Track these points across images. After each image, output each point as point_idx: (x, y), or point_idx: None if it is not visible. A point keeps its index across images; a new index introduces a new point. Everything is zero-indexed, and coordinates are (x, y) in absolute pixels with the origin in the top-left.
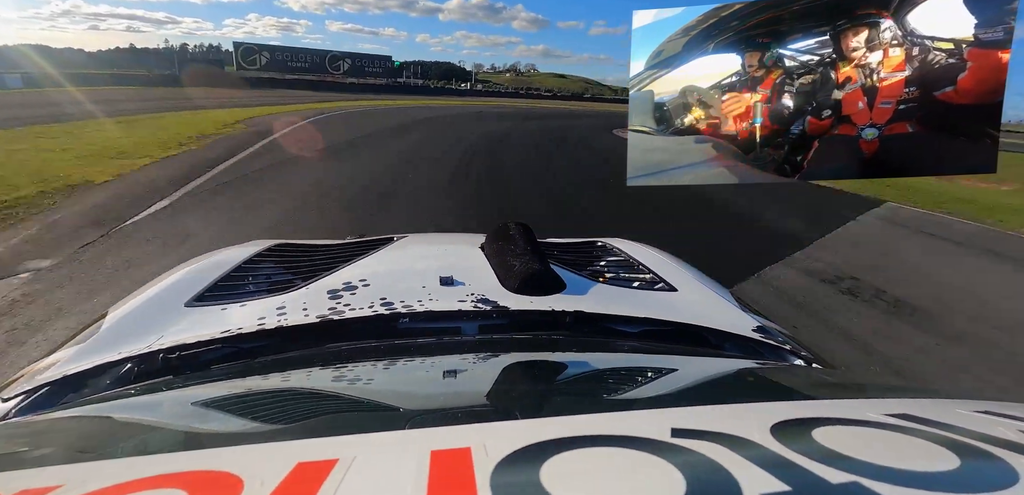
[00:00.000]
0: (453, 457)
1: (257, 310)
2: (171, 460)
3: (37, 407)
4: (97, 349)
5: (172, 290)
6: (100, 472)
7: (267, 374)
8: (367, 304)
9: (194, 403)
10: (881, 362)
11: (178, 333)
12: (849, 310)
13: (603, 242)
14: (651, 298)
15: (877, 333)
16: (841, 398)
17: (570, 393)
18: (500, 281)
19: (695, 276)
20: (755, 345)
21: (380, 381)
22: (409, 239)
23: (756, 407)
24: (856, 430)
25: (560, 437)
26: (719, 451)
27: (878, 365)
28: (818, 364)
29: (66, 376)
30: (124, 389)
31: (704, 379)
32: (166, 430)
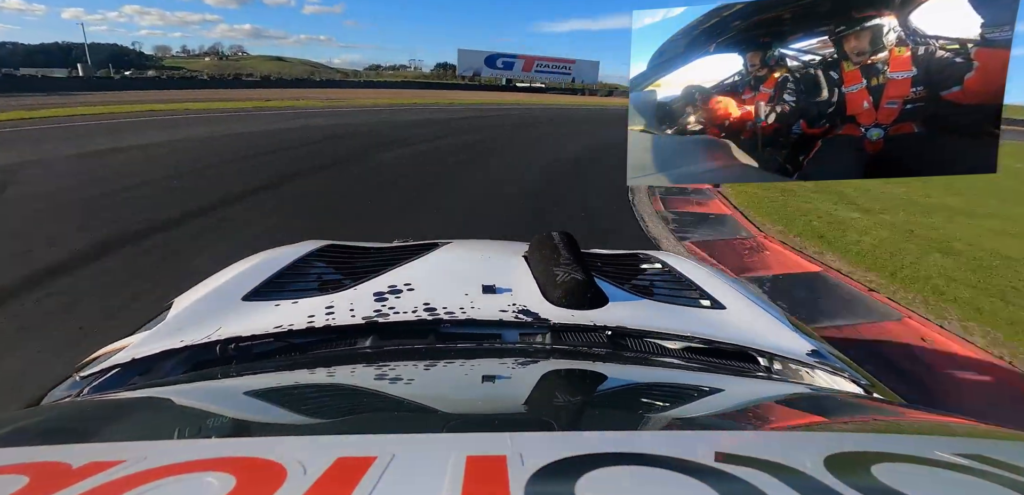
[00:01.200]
0: (488, 464)
1: (307, 308)
2: (221, 446)
3: (107, 387)
4: (162, 337)
5: (230, 285)
6: (157, 452)
7: (313, 369)
8: (411, 308)
9: (245, 393)
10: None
11: (234, 326)
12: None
13: (649, 255)
14: (697, 315)
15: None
16: (905, 433)
17: (609, 408)
18: (542, 292)
19: (745, 294)
20: (809, 370)
21: (420, 384)
22: (454, 245)
23: (808, 436)
24: (921, 469)
25: (597, 452)
26: (766, 480)
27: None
28: (880, 394)
29: (133, 360)
30: (184, 375)
31: (752, 402)
32: (218, 417)
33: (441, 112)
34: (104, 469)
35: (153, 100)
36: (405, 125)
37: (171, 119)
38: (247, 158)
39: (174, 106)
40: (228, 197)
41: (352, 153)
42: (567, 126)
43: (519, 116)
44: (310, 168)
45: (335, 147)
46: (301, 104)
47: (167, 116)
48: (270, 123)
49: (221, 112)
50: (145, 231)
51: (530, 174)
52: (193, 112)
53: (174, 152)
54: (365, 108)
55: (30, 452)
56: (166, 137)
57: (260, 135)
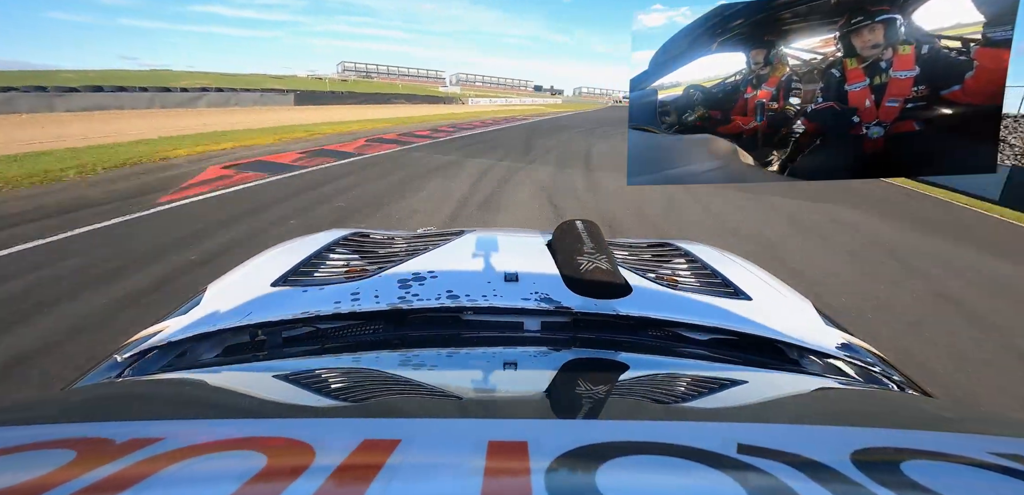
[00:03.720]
0: (510, 449)
1: (334, 294)
2: (253, 425)
3: (146, 368)
4: (196, 321)
5: (261, 271)
6: (193, 430)
7: (340, 354)
8: (434, 296)
9: (275, 375)
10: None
11: (264, 311)
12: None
13: (674, 244)
14: (723, 305)
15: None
16: (939, 430)
17: (631, 397)
18: (565, 281)
19: (773, 284)
20: (838, 363)
21: (443, 369)
22: (478, 233)
23: (835, 430)
24: (955, 468)
25: (618, 441)
26: (790, 474)
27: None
28: (913, 390)
29: (170, 342)
30: (216, 358)
31: (777, 395)
32: (250, 398)
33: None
34: (145, 445)
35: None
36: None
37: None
38: None
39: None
40: None
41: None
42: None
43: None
44: None
45: None
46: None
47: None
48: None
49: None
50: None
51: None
52: None
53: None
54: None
55: (76, 428)
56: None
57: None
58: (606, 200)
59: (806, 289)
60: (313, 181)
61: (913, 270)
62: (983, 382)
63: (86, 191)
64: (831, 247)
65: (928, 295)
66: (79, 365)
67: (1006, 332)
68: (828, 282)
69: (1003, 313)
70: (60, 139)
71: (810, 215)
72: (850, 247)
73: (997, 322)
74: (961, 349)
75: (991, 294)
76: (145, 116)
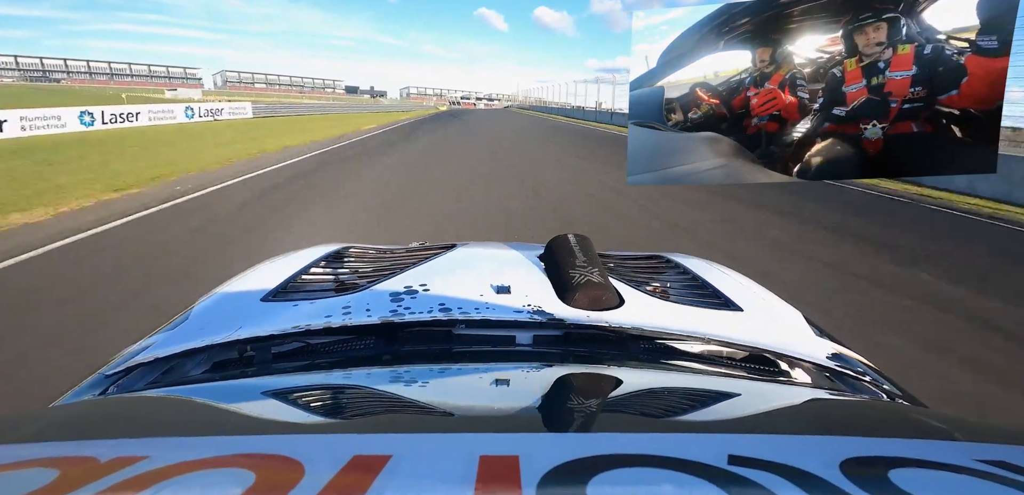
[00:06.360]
0: (501, 463)
1: (324, 308)
2: (241, 442)
3: (132, 384)
4: (184, 336)
5: (250, 286)
6: (180, 448)
7: (330, 369)
8: (426, 309)
9: (264, 391)
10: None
11: (254, 325)
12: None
13: (665, 256)
14: (714, 317)
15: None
16: (927, 438)
17: (622, 410)
18: (557, 293)
19: (764, 295)
20: (829, 374)
21: (434, 383)
22: (470, 246)
23: (824, 440)
24: (943, 476)
25: (610, 454)
26: (779, 484)
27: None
28: (904, 399)
29: (157, 359)
30: (205, 374)
31: (768, 406)
32: (239, 414)
33: None
34: (130, 464)
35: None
36: None
37: None
38: None
39: None
40: None
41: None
42: None
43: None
44: None
45: None
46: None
47: None
48: None
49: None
50: None
51: None
52: None
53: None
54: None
55: (60, 447)
56: None
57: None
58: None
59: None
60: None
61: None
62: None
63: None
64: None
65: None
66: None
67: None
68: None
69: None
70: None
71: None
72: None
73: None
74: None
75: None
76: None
